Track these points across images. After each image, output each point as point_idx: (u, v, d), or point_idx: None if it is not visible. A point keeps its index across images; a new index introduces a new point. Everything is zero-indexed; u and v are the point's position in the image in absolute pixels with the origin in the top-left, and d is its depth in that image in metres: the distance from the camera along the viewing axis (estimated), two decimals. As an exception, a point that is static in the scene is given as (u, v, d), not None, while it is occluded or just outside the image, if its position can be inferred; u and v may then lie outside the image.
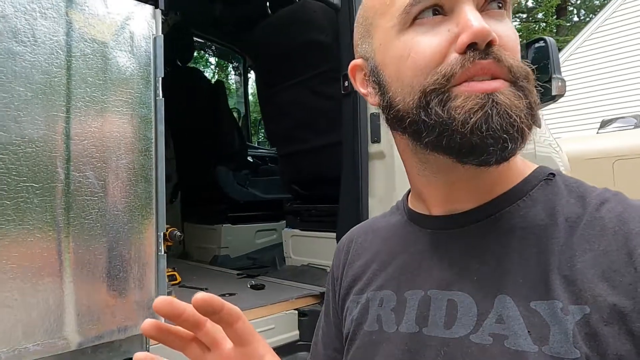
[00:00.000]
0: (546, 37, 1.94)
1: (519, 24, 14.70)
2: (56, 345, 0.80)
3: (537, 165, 0.49)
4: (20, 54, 0.80)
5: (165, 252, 0.95)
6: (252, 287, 1.61)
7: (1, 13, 0.79)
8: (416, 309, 0.46)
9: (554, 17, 13.45)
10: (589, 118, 7.61)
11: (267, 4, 1.72)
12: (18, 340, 0.76)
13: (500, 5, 0.42)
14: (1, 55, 0.78)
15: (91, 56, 0.88)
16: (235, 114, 4.04)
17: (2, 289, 0.76)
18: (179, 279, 1.72)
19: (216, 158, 2.42)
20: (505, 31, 0.41)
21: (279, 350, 1.12)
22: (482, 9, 0.42)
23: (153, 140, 0.95)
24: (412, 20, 0.43)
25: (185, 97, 2.42)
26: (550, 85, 1.91)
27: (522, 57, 0.43)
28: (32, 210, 0.79)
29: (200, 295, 0.36)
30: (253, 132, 4.02)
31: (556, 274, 0.40)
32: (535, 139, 2.14)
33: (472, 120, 0.39)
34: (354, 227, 0.62)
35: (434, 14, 0.42)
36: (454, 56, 0.40)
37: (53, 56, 0.84)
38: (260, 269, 2.00)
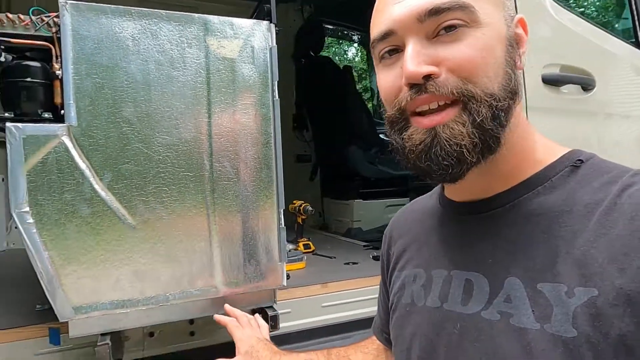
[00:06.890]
0: None
1: None
2: (209, 292, 1.09)
3: (569, 150, 0.50)
4: (176, 77, 1.08)
5: (286, 226, 1.16)
6: (374, 257, 1.76)
7: (162, 48, 1.07)
8: (440, 286, 0.53)
9: None
10: None
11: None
12: (185, 287, 1.07)
13: (451, 28, 0.45)
14: (164, 80, 1.06)
15: (224, 71, 1.12)
16: (369, 94, 4.17)
17: (175, 249, 1.07)
18: (312, 247, 1.97)
19: (348, 138, 2.61)
20: (455, 54, 0.45)
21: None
22: (433, 36, 0.46)
23: (272, 134, 1.16)
24: (380, 58, 0.51)
25: (318, 84, 2.65)
26: None
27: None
28: (189, 192, 1.08)
29: (216, 316, 0.51)
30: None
31: (565, 258, 0.43)
32: None
33: (416, 151, 0.47)
34: (400, 209, 0.71)
35: (392, 53, 0.49)
36: (404, 89, 0.47)
37: (197, 75, 1.10)
38: (386, 241, 2.13)
